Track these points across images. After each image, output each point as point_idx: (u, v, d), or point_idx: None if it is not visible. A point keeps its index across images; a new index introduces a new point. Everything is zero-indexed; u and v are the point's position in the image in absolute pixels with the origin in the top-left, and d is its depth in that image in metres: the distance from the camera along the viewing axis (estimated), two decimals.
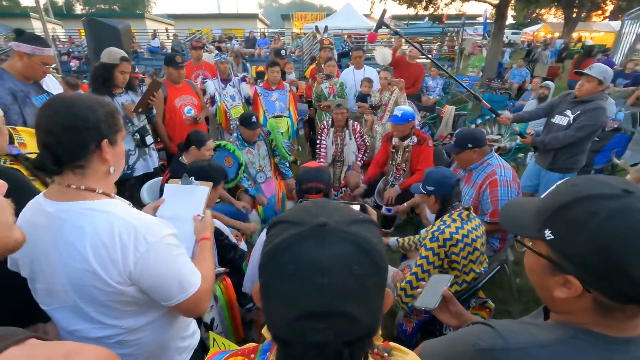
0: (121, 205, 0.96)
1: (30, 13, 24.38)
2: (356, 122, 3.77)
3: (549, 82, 5.94)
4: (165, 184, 1.52)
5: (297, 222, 0.49)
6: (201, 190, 1.46)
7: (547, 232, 0.62)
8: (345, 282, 0.45)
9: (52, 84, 2.49)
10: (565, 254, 0.60)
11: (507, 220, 0.72)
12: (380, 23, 3.87)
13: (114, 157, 0.97)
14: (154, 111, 3.11)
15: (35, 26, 20.10)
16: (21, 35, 2.20)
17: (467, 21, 13.31)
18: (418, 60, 5.29)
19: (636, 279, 0.53)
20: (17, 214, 0.67)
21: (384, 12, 3.91)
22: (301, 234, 0.47)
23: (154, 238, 0.92)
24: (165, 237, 0.95)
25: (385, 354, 0.62)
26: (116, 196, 1.00)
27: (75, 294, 0.91)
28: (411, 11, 12.24)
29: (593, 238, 0.56)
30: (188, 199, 1.43)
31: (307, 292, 0.45)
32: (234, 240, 2.19)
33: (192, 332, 1.24)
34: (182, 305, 0.98)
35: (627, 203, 0.55)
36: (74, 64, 13.24)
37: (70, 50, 15.45)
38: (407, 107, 3.26)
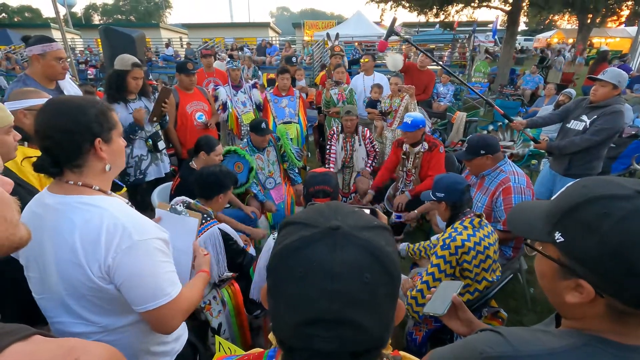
0: (115, 202, 0.97)
1: (51, 24, 25.27)
2: (366, 129, 3.77)
3: (570, 90, 5.75)
4: (157, 208, 1.50)
5: (309, 224, 0.48)
6: (191, 222, 1.41)
7: (558, 235, 0.59)
8: (355, 290, 0.43)
9: (73, 90, 2.57)
10: (576, 257, 0.58)
11: (516, 223, 0.70)
12: (391, 31, 3.88)
13: (110, 155, 0.99)
14: (167, 117, 3.16)
15: (55, 36, 20.75)
16: (28, 40, 2.32)
17: (478, 28, 13.24)
18: (429, 67, 5.27)
19: None
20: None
21: (394, 20, 3.92)
22: (313, 237, 0.46)
23: (139, 237, 0.92)
24: (153, 239, 0.95)
25: None
26: (113, 193, 1.02)
27: (62, 285, 0.94)
28: (422, 18, 12.27)
29: (605, 240, 0.54)
30: (179, 228, 1.40)
31: (315, 297, 0.43)
32: (242, 244, 2.19)
33: (175, 337, 1.21)
34: (151, 313, 0.96)
35: None
36: (91, 72, 13.61)
37: (88, 59, 15.91)
38: (417, 113, 3.24)
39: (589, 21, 16.59)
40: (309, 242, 0.46)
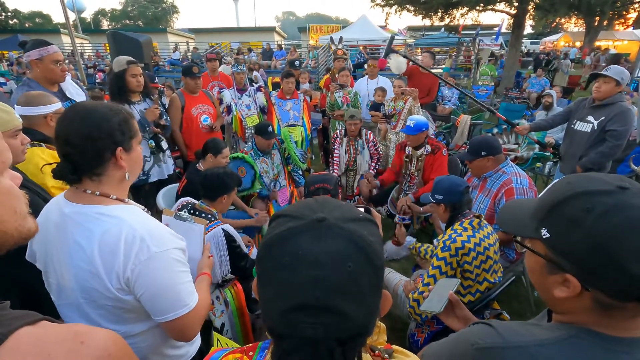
0: (133, 212, 0.97)
1: (61, 29, 25.70)
2: (369, 132, 3.79)
3: (550, 91, 5.94)
4: (163, 215, 1.51)
5: (296, 216, 0.50)
6: (197, 229, 1.42)
7: (544, 231, 0.61)
8: (338, 277, 0.45)
9: (75, 92, 2.60)
10: (561, 251, 0.59)
11: (505, 221, 0.72)
12: (389, 49, 3.95)
13: (129, 163, 0.98)
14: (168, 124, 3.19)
15: (65, 41, 21.15)
16: (25, 46, 2.33)
17: (482, 31, 13.23)
18: (432, 70, 5.29)
19: (634, 275, 0.52)
20: None
21: (392, 38, 4.02)
22: (299, 228, 0.48)
23: (157, 248, 0.92)
24: (171, 250, 0.95)
25: (386, 356, 0.62)
26: (130, 201, 1.01)
27: (80, 294, 0.94)
28: (427, 22, 12.28)
29: (588, 235, 0.55)
30: (186, 235, 1.44)
31: (300, 284, 0.45)
32: (245, 249, 2.21)
33: (190, 341, 1.20)
34: (171, 324, 0.97)
35: (622, 199, 0.55)
36: (98, 76, 13.82)
37: (96, 64, 16.16)
38: (419, 116, 3.25)
39: (596, 24, 16.48)
40: (295, 233, 0.48)
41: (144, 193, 3.01)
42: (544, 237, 0.61)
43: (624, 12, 13.75)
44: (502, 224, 0.72)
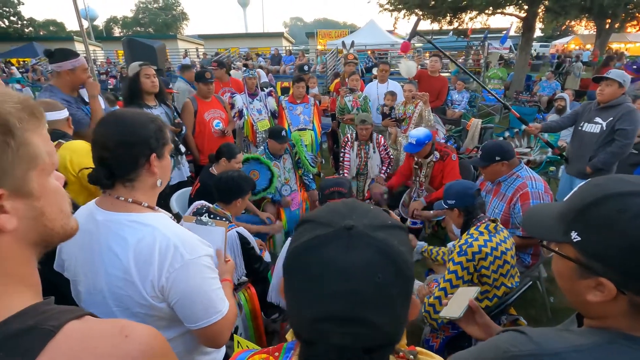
0: (164, 220, 0.99)
1: (74, 37, 26.27)
2: (380, 136, 3.78)
3: (563, 94, 5.93)
4: (182, 222, 1.53)
5: (324, 222, 0.49)
6: (218, 232, 1.43)
7: (574, 234, 0.60)
8: (367, 290, 0.44)
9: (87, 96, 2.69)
10: (594, 255, 0.58)
11: (530, 225, 0.70)
12: (414, 32, 3.91)
13: (160, 170, 1.00)
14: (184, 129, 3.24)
15: (79, 48, 21.60)
16: (53, 56, 2.40)
17: (491, 35, 13.15)
18: (441, 74, 5.28)
19: None
20: None
21: (418, 20, 3.95)
22: (327, 236, 0.47)
23: (190, 256, 0.93)
24: (202, 257, 0.96)
25: (411, 357, 0.61)
26: (160, 209, 1.04)
27: (113, 302, 0.94)
28: (435, 26, 12.25)
29: (623, 236, 0.54)
30: (207, 239, 1.45)
31: (328, 295, 0.45)
32: (259, 252, 2.22)
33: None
34: (204, 331, 0.97)
35: None
36: (110, 82, 14.10)
37: (109, 70, 16.49)
38: (419, 130, 3.13)
39: (607, 26, 16.25)
40: (323, 242, 0.47)
41: (164, 195, 3.04)
42: (574, 240, 0.60)
43: (637, 14, 13.52)
44: (528, 229, 0.71)
